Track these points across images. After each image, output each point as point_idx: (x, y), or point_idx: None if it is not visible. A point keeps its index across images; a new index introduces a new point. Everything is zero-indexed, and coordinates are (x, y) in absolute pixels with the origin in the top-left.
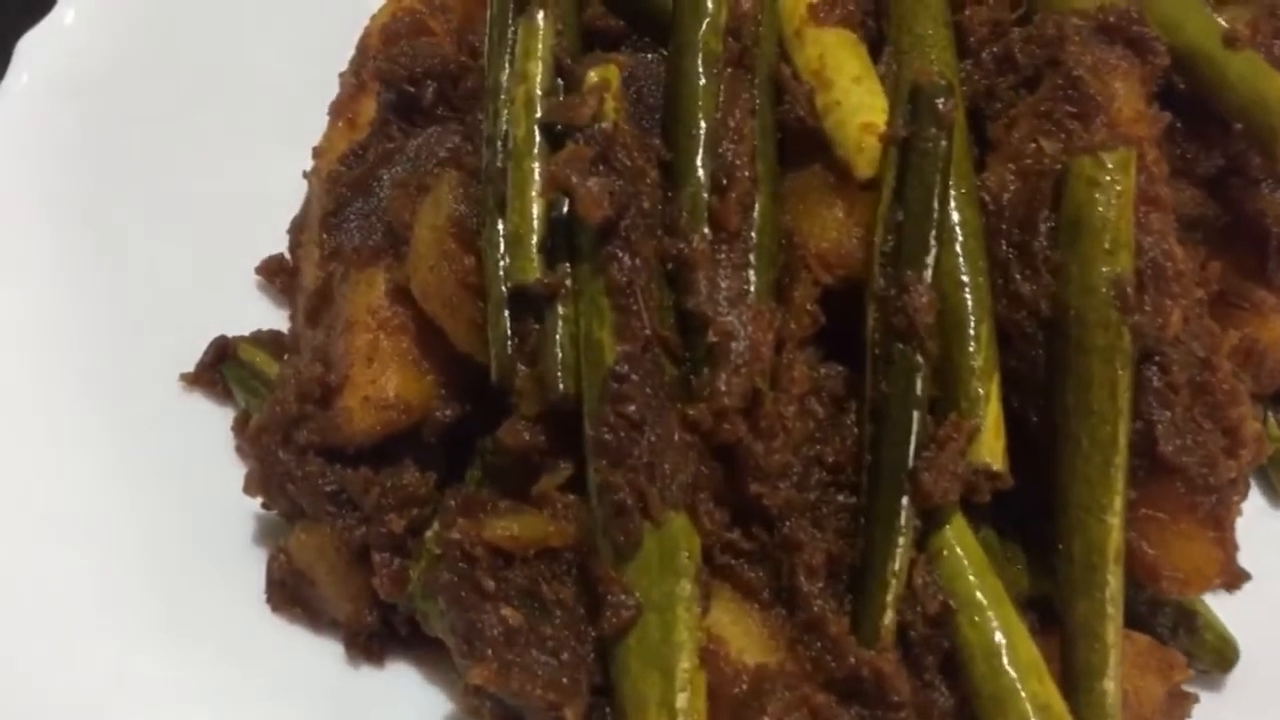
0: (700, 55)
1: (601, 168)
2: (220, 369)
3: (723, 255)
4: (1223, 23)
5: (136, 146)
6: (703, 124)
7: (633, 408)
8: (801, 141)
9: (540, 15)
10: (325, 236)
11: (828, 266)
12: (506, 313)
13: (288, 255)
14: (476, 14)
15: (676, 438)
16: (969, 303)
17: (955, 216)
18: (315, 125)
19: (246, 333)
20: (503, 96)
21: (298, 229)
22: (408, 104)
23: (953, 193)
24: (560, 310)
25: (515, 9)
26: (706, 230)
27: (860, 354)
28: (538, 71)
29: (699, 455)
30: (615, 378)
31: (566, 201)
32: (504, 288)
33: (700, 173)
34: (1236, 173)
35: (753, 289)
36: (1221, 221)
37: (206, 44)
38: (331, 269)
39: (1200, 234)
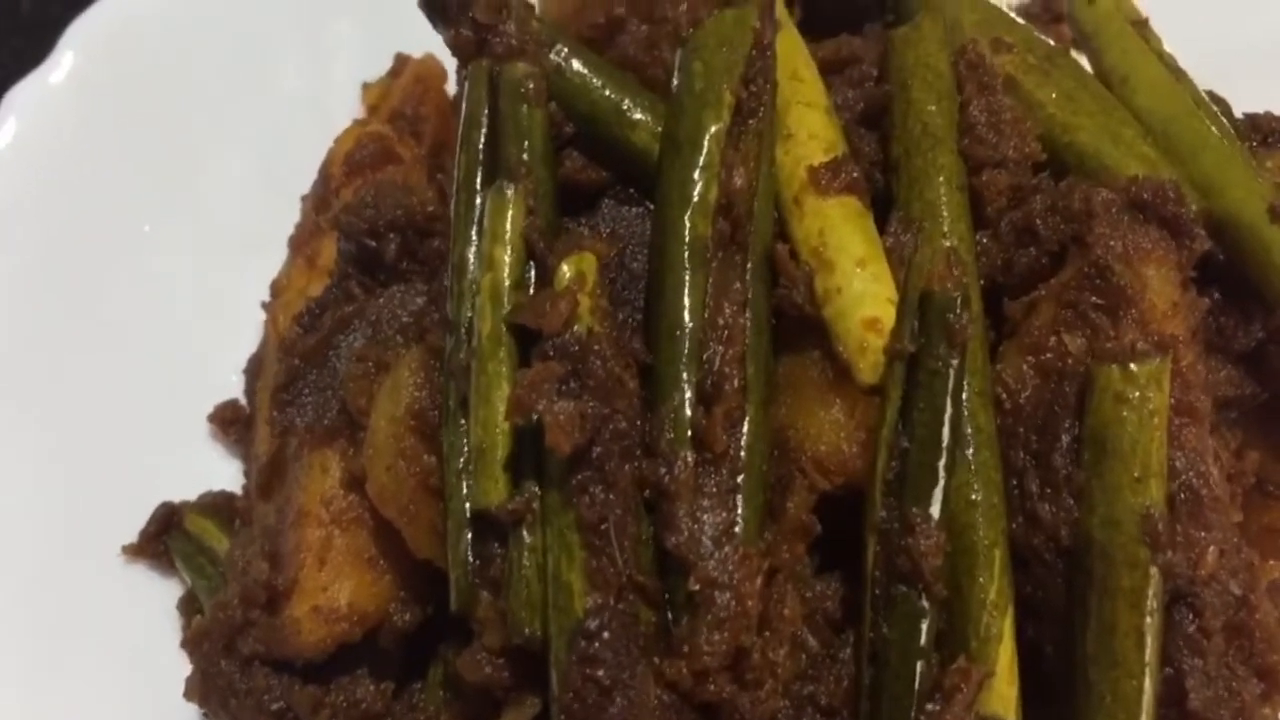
0: (686, 243)
1: (573, 384)
2: (165, 540)
3: (707, 481)
4: (1267, 188)
5: (79, 270)
6: (688, 323)
7: (603, 671)
8: (799, 322)
9: (510, 190)
10: (276, 414)
11: (825, 473)
12: (468, 534)
13: (243, 399)
14: (450, 135)
15: (652, 698)
16: (980, 525)
17: (967, 424)
18: (276, 244)
19: (197, 484)
20: (469, 277)
21: (254, 371)
22: (369, 257)
23: (965, 392)
24: (527, 538)
25: (483, 175)
26: (689, 455)
27: (860, 568)
28: (505, 259)
29: (677, 713)
30: (584, 634)
31: None
32: (466, 505)
33: (684, 385)
34: (1277, 343)
35: (740, 523)
36: (1260, 399)
37: (158, 157)
38: (285, 440)
39: (1235, 413)
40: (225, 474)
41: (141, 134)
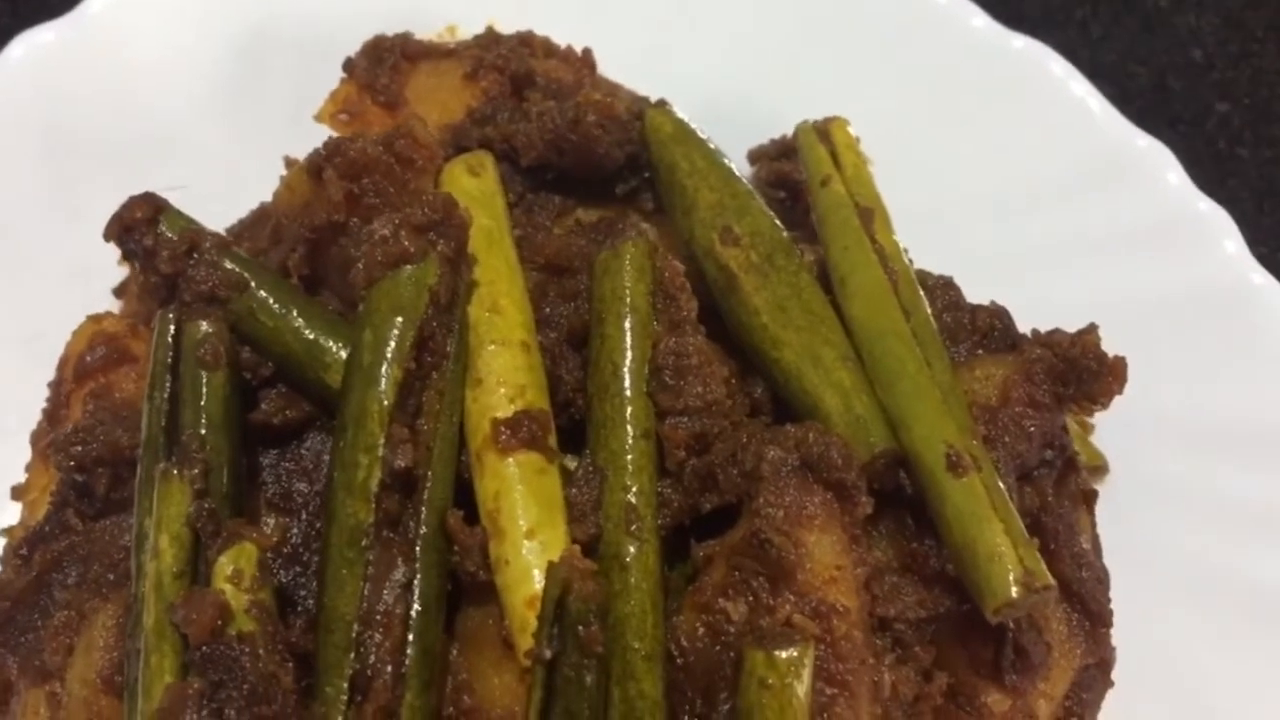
0: (346, 531)
1: (222, 694)
2: None
3: None
4: (952, 428)
5: None
6: (344, 616)
7: None
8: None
9: (176, 474)
10: None
11: None
12: None
13: None
14: None
15: None
16: None
17: (632, 688)
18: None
19: None
20: (142, 556)
21: None
22: (81, 489)
23: (637, 650)
24: None
25: (165, 440)
26: None
27: None
28: (169, 550)
29: None
30: None
31: None
32: None
33: (337, 680)
34: None
35: None
36: (960, 609)
37: None
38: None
39: (932, 631)
40: None
41: None
